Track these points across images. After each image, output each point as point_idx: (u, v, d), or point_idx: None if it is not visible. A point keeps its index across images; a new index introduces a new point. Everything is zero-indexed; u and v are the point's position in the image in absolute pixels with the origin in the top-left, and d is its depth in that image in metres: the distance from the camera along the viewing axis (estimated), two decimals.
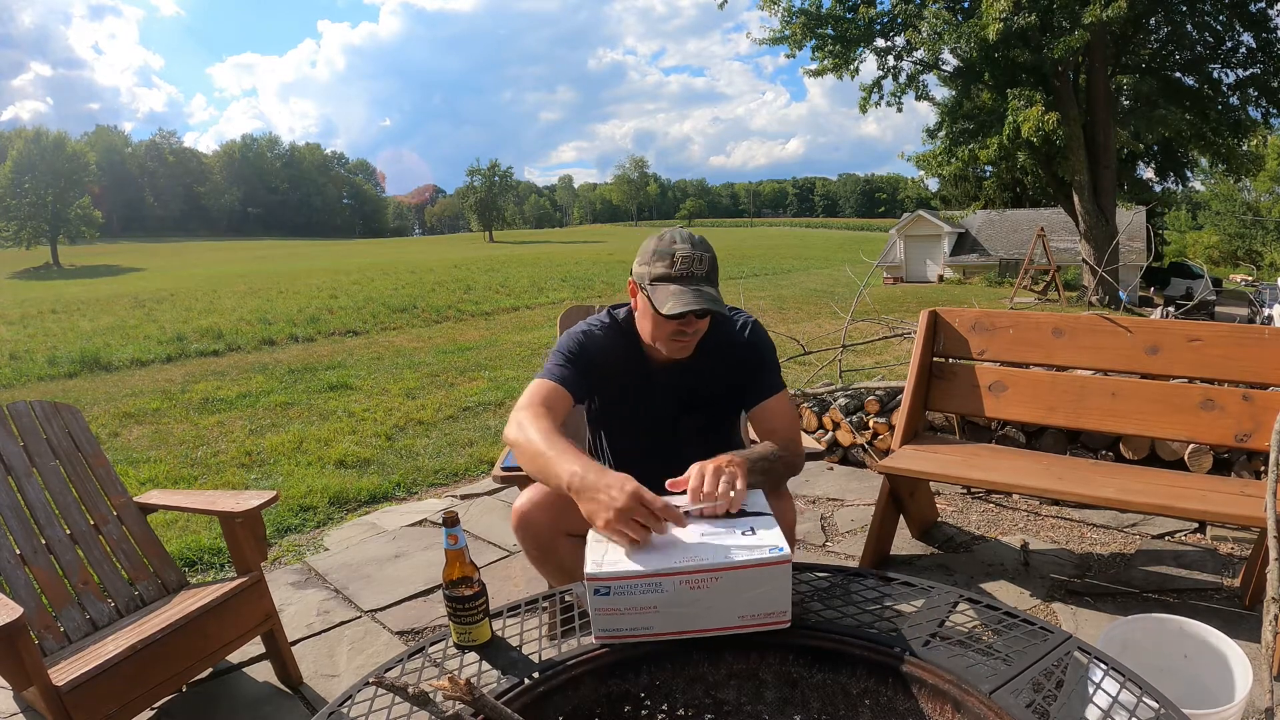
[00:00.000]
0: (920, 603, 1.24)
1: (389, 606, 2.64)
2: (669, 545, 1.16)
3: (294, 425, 5.71)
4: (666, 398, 1.73)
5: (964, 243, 30.46)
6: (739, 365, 1.71)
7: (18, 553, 1.92)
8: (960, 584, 2.58)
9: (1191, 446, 2.96)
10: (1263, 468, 2.61)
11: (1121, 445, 3.15)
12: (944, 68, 17.46)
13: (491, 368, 8.18)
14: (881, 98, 17.71)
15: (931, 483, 3.04)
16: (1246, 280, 33.28)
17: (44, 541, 1.99)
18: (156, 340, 10.88)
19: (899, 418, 2.82)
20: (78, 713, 1.61)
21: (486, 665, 1.15)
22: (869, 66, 36.73)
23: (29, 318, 15.24)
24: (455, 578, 1.17)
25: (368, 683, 1.10)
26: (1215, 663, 1.68)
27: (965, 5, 16.23)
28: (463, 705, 0.98)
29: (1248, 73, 16.19)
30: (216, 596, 1.93)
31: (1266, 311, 15.76)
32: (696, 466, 1.29)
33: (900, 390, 3.59)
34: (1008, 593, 2.51)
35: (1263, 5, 15.34)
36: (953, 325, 2.82)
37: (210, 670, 2.21)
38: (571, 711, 1.12)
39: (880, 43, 17.30)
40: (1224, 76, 16.50)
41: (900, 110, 18.17)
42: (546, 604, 1.30)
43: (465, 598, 1.16)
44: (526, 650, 1.18)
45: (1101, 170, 16.67)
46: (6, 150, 52.97)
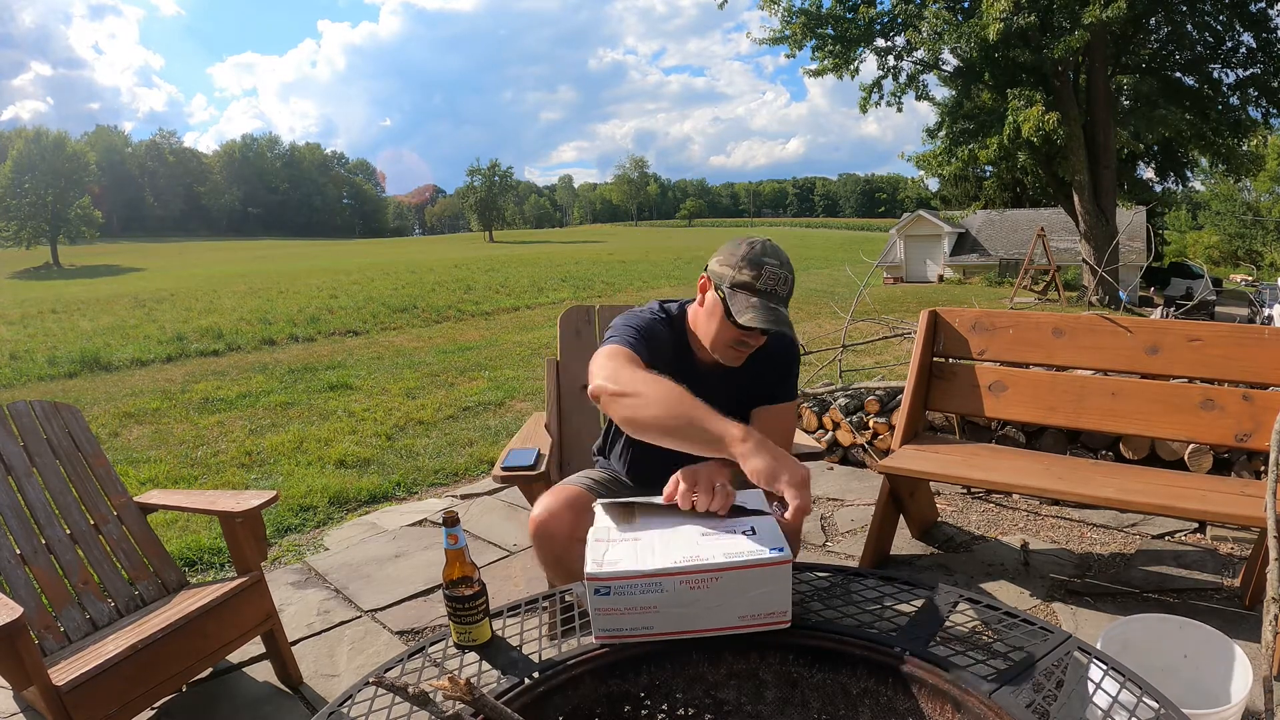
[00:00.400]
0: (920, 603, 1.24)
1: (389, 606, 2.64)
2: (669, 545, 1.16)
3: (294, 425, 5.71)
4: (707, 397, 1.71)
5: (964, 243, 30.46)
6: (769, 367, 1.70)
7: (18, 552, 1.92)
8: (960, 584, 2.58)
9: (1191, 446, 2.96)
10: (1263, 468, 2.61)
11: (1121, 445, 3.15)
12: (944, 68, 17.48)
13: (491, 368, 8.18)
14: (881, 98, 17.72)
15: (931, 483, 3.04)
16: (1246, 280, 33.29)
17: (44, 541, 1.99)
18: (156, 340, 10.88)
19: (899, 418, 2.83)
20: (78, 712, 1.61)
21: (486, 665, 1.15)
22: (869, 66, 36.82)
23: (29, 318, 15.24)
24: (455, 577, 1.17)
25: (368, 683, 1.10)
26: (1215, 663, 1.69)
27: (965, 5, 16.23)
28: (463, 705, 0.98)
29: (1248, 73, 16.19)
30: (216, 596, 1.93)
31: (1266, 311, 15.75)
32: (684, 472, 1.28)
33: (900, 390, 3.59)
34: (1008, 593, 2.51)
35: (1263, 5, 15.35)
36: (953, 325, 2.82)
37: (210, 670, 2.21)
38: (571, 711, 1.12)
39: (880, 43, 17.32)
40: (1224, 76, 16.52)
41: (900, 110, 18.20)
42: (546, 604, 1.30)
43: (465, 597, 1.16)
44: (526, 650, 1.18)
45: (1101, 170, 16.67)
46: (6, 150, 52.98)
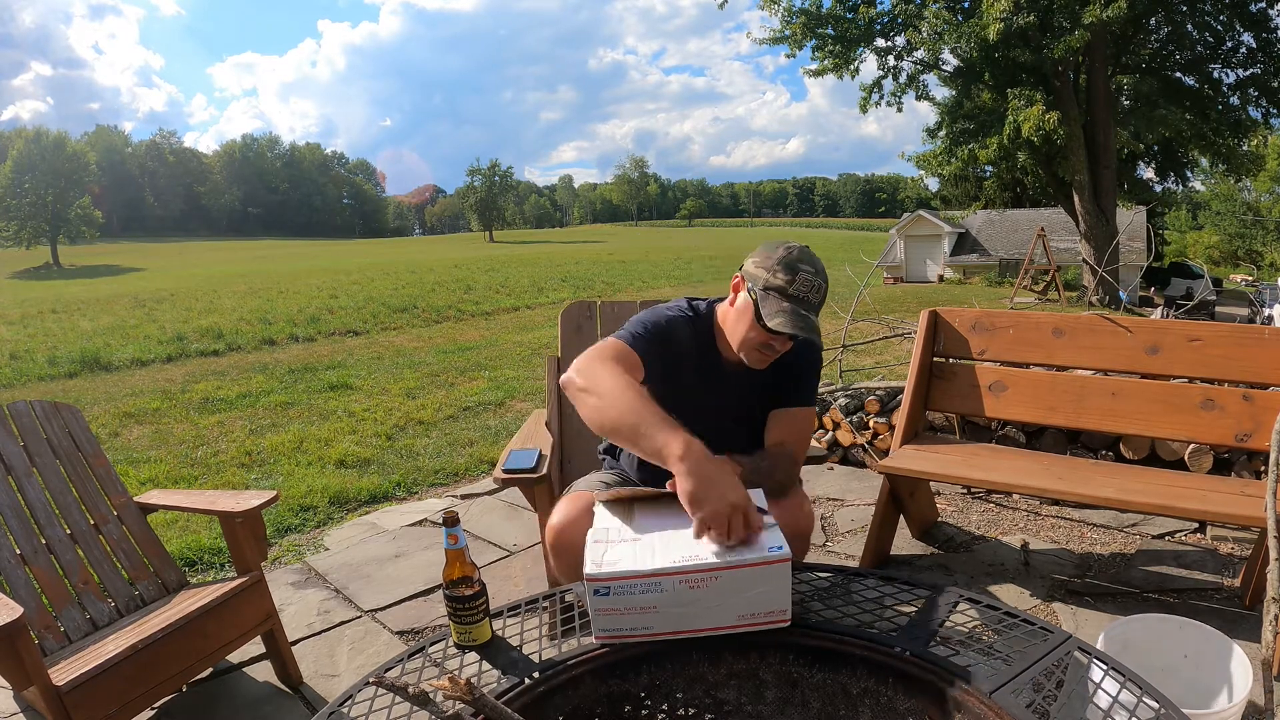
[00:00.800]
0: (920, 603, 1.24)
1: (389, 606, 2.64)
2: (668, 545, 1.16)
3: (294, 425, 5.71)
4: (730, 397, 1.72)
5: (964, 243, 30.45)
6: (790, 371, 1.69)
7: (18, 552, 1.92)
8: (960, 584, 2.58)
9: (1191, 446, 2.96)
10: (1263, 468, 2.61)
11: (1121, 445, 3.15)
12: (944, 68, 17.47)
13: (492, 368, 8.18)
14: (882, 98, 17.70)
15: (931, 483, 3.03)
16: (1246, 280, 33.28)
17: (44, 541, 1.99)
18: (157, 340, 10.89)
19: (899, 418, 2.82)
20: (78, 712, 1.61)
21: (486, 665, 1.16)
22: (869, 66, 36.72)
23: (29, 318, 15.24)
24: (455, 577, 1.17)
25: (368, 683, 1.10)
26: (1215, 663, 1.68)
27: (965, 5, 16.22)
28: (463, 705, 0.98)
29: (1248, 73, 16.18)
30: (216, 596, 1.93)
31: (1267, 311, 15.76)
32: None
33: (900, 390, 3.59)
34: (1008, 593, 2.51)
35: (1263, 5, 15.34)
36: (953, 325, 2.82)
37: (210, 670, 2.21)
38: (571, 711, 1.12)
39: (880, 43, 17.30)
40: (1224, 76, 16.51)
41: (900, 110, 18.18)
42: (546, 604, 1.30)
43: (465, 597, 1.16)
44: (526, 650, 1.18)
45: (1102, 170, 16.67)
46: (6, 150, 52.99)
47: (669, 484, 1.30)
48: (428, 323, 13.12)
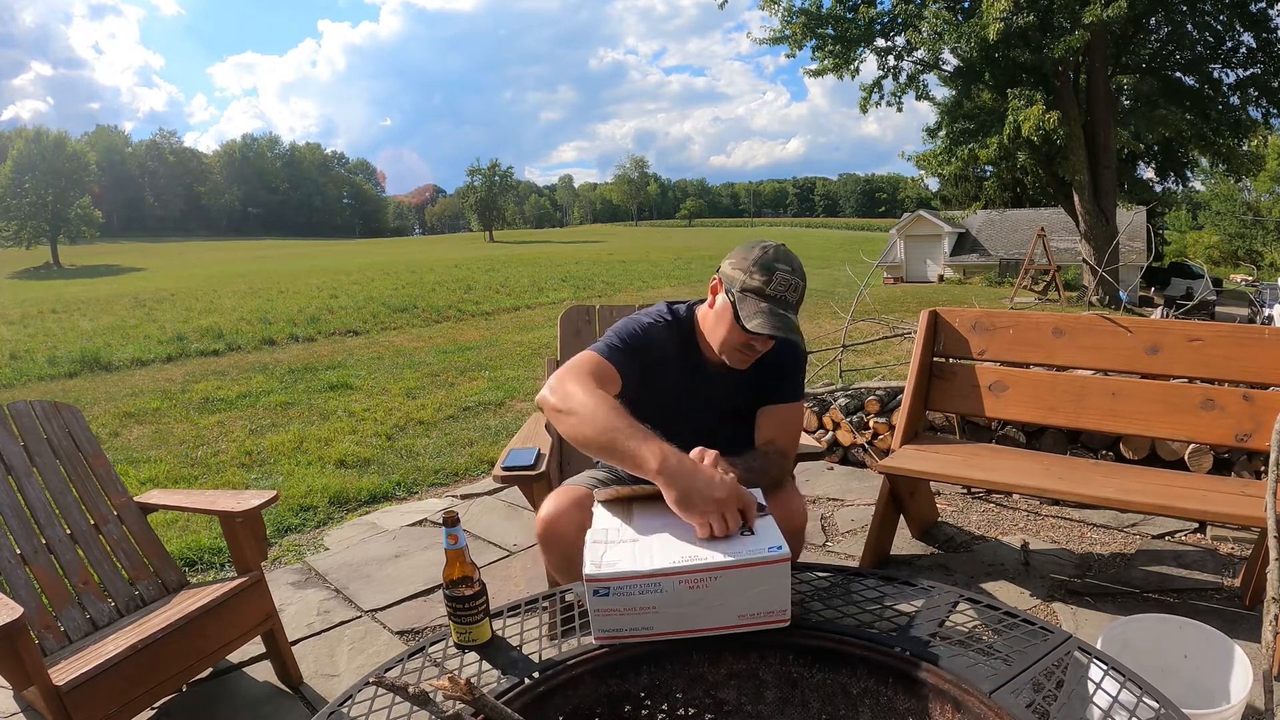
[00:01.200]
0: (920, 603, 1.24)
1: (389, 606, 2.64)
2: (667, 545, 1.16)
3: (294, 425, 5.71)
4: (715, 398, 1.72)
5: (964, 243, 30.46)
6: (774, 368, 1.69)
7: (18, 552, 1.92)
8: (960, 584, 2.58)
9: (1191, 446, 2.96)
10: (1263, 468, 2.61)
11: (1121, 445, 3.15)
12: (944, 68, 17.48)
13: (492, 368, 8.18)
14: (882, 98, 17.73)
15: (931, 483, 3.03)
16: (1247, 280, 33.28)
17: (44, 541, 1.99)
18: (157, 340, 10.88)
19: (899, 418, 2.82)
20: (78, 712, 1.61)
21: (486, 665, 1.15)
22: (869, 66, 36.69)
23: (29, 317, 15.24)
24: (455, 577, 1.17)
25: (368, 682, 1.10)
26: (1215, 663, 1.69)
27: (965, 5, 16.23)
28: (463, 705, 0.98)
29: (1248, 73, 16.19)
30: (216, 596, 1.93)
31: (1267, 311, 15.76)
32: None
33: (900, 390, 3.59)
34: (1008, 593, 2.51)
35: (1263, 5, 15.35)
36: (953, 325, 2.82)
37: (210, 670, 2.21)
38: (571, 711, 1.12)
39: (880, 43, 17.33)
40: (1224, 76, 16.52)
41: (900, 110, 18.22)
42: (546, 604, 1.30)
43: (465, 597, 1.16)
44: (526, 650, 1.18)
45: (1102, 170, 16.67)
46: (7, 150, 52.95)
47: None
48: (428, 323, 13.12)
